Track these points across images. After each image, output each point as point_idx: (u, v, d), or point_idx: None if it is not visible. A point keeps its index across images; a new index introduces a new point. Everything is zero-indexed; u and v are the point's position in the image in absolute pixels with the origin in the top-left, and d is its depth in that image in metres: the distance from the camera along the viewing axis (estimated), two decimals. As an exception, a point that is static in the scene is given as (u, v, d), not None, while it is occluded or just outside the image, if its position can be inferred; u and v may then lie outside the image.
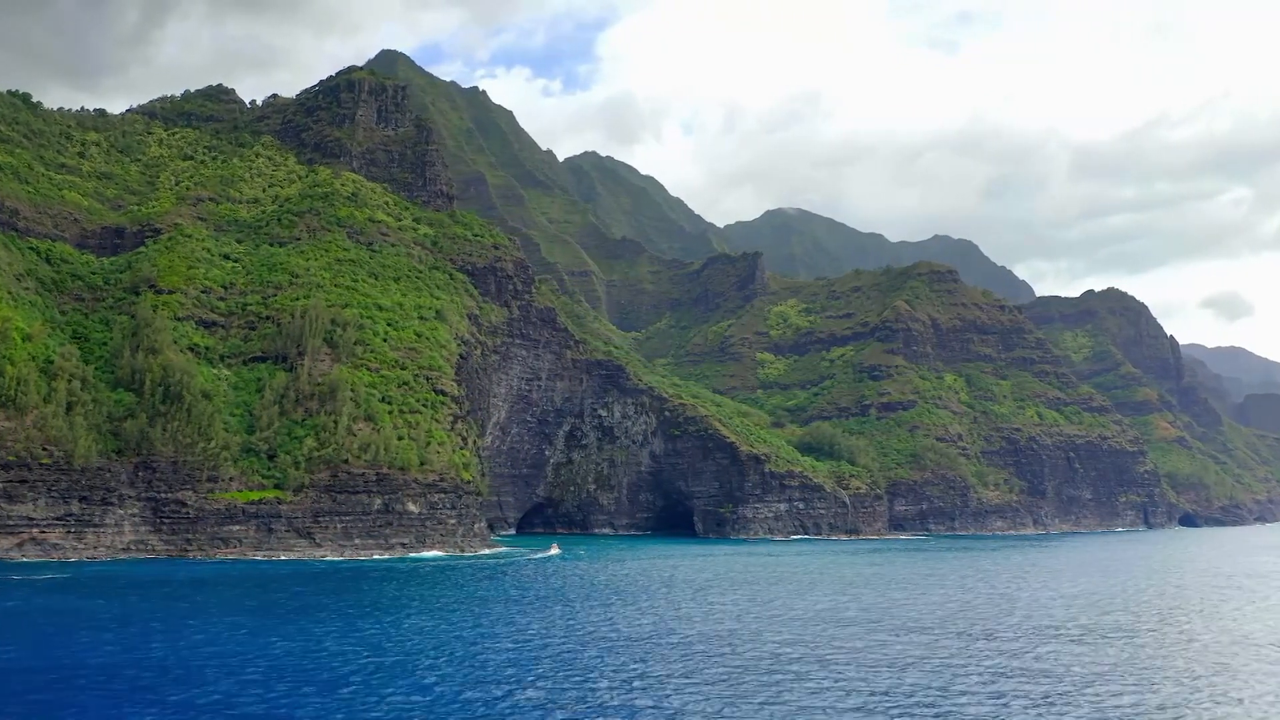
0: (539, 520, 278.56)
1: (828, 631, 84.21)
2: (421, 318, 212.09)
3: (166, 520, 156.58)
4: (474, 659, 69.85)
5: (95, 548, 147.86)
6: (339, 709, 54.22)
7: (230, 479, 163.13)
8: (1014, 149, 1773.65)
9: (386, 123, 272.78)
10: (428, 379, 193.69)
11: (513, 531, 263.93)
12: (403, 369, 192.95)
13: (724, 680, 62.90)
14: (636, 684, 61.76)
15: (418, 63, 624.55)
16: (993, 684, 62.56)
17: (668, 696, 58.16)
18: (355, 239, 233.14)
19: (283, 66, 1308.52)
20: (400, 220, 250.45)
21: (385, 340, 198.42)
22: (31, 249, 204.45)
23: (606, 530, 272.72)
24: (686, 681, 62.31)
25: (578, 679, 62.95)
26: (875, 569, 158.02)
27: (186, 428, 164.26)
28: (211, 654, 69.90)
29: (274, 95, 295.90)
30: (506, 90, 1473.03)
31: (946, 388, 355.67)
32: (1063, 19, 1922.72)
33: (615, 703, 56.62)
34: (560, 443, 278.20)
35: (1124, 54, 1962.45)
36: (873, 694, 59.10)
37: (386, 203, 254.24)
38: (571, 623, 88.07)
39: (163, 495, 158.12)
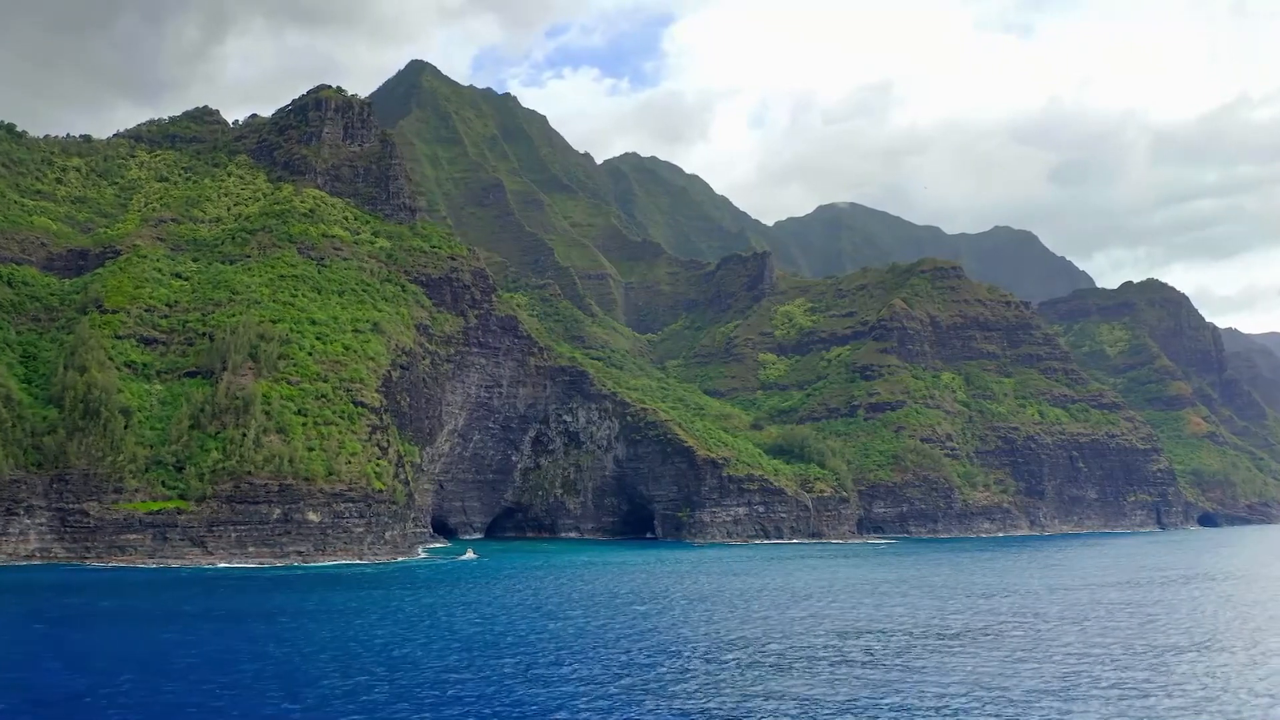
0: (509, 525, 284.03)
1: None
2: (356, 330, 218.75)
3: (70, 529, 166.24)
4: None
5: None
6: None
7: (136, 490, 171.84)
8: (1092, 134, 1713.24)
9: (352, 139, 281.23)
10: (348, 391, 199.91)
11: (479, 536, 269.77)
12: (324, 381, 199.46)
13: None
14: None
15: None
16: None
17: None
18: (306, 254, 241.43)
19: (341, 78, 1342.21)
20: (358, 234, 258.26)
21: (310, 354, 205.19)
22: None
23: (573, 534, 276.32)
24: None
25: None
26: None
27: (101, 441, 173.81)
28: None
29: (253, 115, 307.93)
30: (572, 92, 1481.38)
31: (942, 387, 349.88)
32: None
33: None
34: (527, 448, 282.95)
35: (1203, 33, 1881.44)
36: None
37: (346, 217, 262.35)
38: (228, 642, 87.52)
39: (70, 506, 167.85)
